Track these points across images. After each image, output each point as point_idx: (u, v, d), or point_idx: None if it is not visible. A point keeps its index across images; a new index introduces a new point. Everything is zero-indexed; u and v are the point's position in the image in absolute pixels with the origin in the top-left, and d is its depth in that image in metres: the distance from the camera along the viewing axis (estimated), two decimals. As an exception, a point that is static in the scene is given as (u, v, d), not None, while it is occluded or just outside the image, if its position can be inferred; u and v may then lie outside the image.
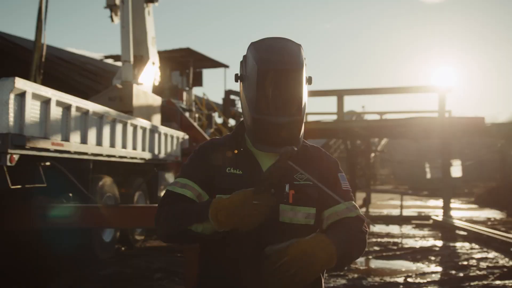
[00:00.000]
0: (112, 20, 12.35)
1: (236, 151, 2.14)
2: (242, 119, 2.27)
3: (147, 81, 12.20)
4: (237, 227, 1.85)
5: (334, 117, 18.44)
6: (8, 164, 5.38)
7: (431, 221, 14.99)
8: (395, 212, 17.41)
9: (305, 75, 2.05)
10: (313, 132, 20.06)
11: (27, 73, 8.88)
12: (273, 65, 2.00)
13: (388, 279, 7.52)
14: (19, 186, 5.71)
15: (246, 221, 1.83)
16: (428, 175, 35.37)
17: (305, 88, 2.06)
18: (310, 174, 2.07)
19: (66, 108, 6.53)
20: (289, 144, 1.98)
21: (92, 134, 7.25)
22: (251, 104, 2.04)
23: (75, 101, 6.72)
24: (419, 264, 8.68)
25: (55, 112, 6.23)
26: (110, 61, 22.55)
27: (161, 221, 2.04)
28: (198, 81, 19.45)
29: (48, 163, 6.49)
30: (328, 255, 1.83)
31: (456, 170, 31.58)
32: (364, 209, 17.47)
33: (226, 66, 19.45)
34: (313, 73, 2.15)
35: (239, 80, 2.15)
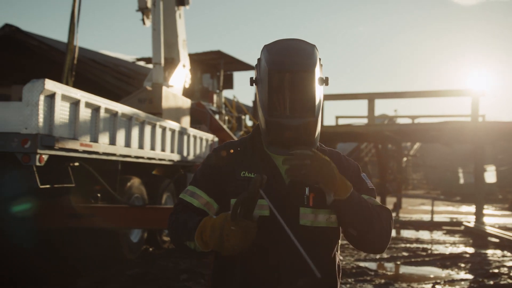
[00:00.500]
0: (144, 23, 12.48)
1: (251, 154, 2.14)
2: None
3: (178, 83, 12.30)
4: (217, 250, 1.84)
5: (366, 120, 18.31)
6: (38, 164, 5.48)
7: (462, 227, 14.72)
8: (426, 217, 17.17)
9: (318, 75, 2.03)
10: (344, 135, 19.96)
11: (61, 74, 9.05)
12: (283, 67, 1.99)
13: (415, 285, 7.42)
14: (48, 186, 5.81)
15: (225, 246, 1.80)
16: (461, 180, 34.73)
17: (319, 89, 2.04)
18: None
19: (95, 109, 6.62)
20: (303, 145, 1.98)
21: (120, 135, 7.34)
22: (264, 106, 2.04)
23: (104, 103, 6.81)
24: (448, 271, 8.53)
25: (84, 113, 6.32)
26: (142, 63, 22.82)
27: (169, 229, 2.11)
28: (228, 84, 19.52)
29: (76, 164, 6.59)
30: (345, 182, 1.92)
31: (490, 176, 30.95)
32: (394, 214, 17.26)
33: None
34: (344, 76, 2.17)
35: (254, 84, 2.15)
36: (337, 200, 1.91)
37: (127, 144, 7.55)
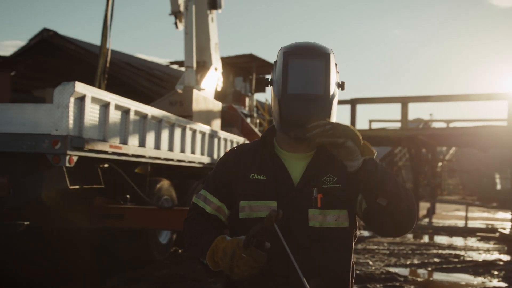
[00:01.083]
0: (177, 27, 12.60)
1: (261, 156, 2.15)
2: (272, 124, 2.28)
3: (210, 86, 12.38)
4: (227, 273, 1.86)
5: (400, 124, 18.10)
6: (67, 165, 5.57)
7: (497, 234, 14.40)
8: (460, 223, 16.86)
9: (334, 68, 2.04)
10: (377, 139, 19.75)
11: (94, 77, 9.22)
12: (299, 50, 2.03)
13: (445, 292, 7.30)
14: (77, 187, 5.90)
15: (235, 271, 1.82)
16: (498, 186, 34.07)
17: (333, 77, 2.03)
18: (337, 177, 2.06)
19: (125, 111, 6.70)
20: (316, 118, 1.93)
21: (150, 137, 7.41)
22: (277, 90, 2.04)
23: (134, 105, 6.89)
24: (481, 278, 8.35)
25: (114, 115, 6.41)
26: (175, 67, 23.06)
27: (184, 237, 2.17)
28: (261, 87, 19.56)
29: (106, 165, 6.68)
30: (369, 145, 1.88)
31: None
32: (427, 219, 17.01)
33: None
34: (378, 80, 2.15)
35: (269, 85, 2.15)
36: (366, 161, 1.86)
37: (157, 146, 7.62)
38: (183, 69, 19.10)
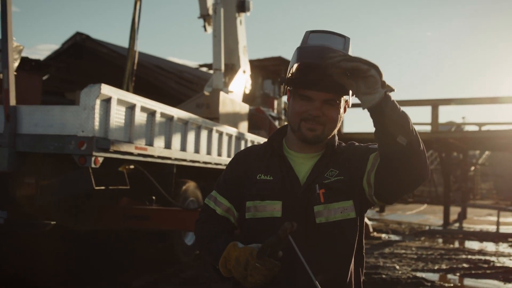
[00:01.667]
0: (205, 30, 12.68)
1: (269, 157, 2.17)
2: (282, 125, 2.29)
3: (238, 89, 12.42)
4: (240, 282, 1.88)
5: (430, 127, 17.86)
6: (93, 166, 5.65)
7: (531, 240, 14.10)
8: (492, 228, 16.54)
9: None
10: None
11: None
12: (313, 45, 2.04)
13: (473, 298, 7.17)
14: (102, 187, 5.97)
15: (248, 280, 1.85)
16: (533, 191, 33.30)
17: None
18: (339, 170, 2.07)
19: (151, 113, 6.75)
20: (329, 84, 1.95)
21: (176, 139, 7.46)
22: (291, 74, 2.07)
23: (160, 107, 6.95)
24: (511, 285, 8.19)
25: (140, 117, 6.47)
26: (205, 69, 23.21)
27: (195, 238, 2.22)
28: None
29: (132, 166, 6.76)
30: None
31: None
32: (457, 224, 16.74)
33: (318, 75, 19.32)
34: (409, 82, 2.15)
35: (283, 83, 2.15)
36: (387, 95, 1.78)
37: (183, 148, 7.67)
38: (212, 71, 19.27)
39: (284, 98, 18.50)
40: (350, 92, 2.07)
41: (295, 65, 2.04)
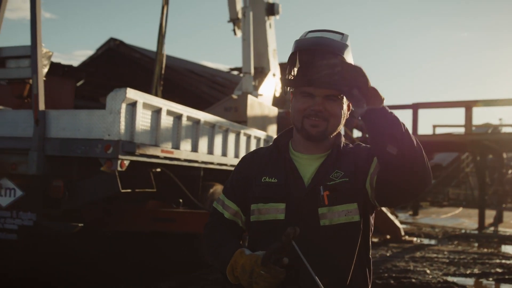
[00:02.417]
0: (235, 34, 12.75)
1: (275, 159, 2.16)
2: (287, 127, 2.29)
3: (267, 92, 12.43)
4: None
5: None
6: (119, 169, 5.72)
7: None
8: (529, 232, 16.14)
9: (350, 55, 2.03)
10: (441, 145, 19.25)
11: (161, 85, 9.49)
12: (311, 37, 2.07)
13: (505, 303, 7.00)
14: (129, 190, 6.05)
15: (254, 287, 1.84)
16: None
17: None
18: (344, 171, 2.05)
19: (177, 117, 6.81)
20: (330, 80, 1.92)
21: (203, 142, 7.51)
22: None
23: (186, 111, 7.00)
24: (546, 290, 7.98)
25: (166, 120, 6.53)
26: (236, 73, 23.34)
27: (203, 243, 2.21)
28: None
29: (158, 169, 6.82)
30: (378, 92, 1.80)
31: None
32: (493, 228, 16.39)
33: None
34: (444, 84, 2.14)
35: (285, 86, 2.16)
36: (370, 110, 1.78)
37: (210, 151, 7.71)
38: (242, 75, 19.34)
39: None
40: None
41: (296, 63, 2.05)
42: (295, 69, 2.09)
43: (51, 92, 10.95)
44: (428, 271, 8.93)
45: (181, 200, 7.24)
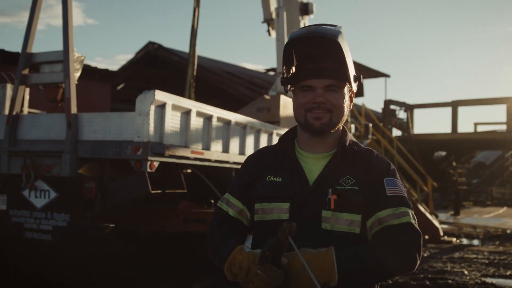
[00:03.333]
0: (269, 34, 12.75)
1: (280, 158, 2.14)
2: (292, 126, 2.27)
3: (302, 92, 12.39)
4: (243, 286, 1.85)
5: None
6: (149, 170, 5.80)
7: None
8: None
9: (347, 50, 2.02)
10: (483, 143, 18.82)
11: (201, 87, 9.62)
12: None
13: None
14: (159, 191, 6.11)
15: (249, 286, 1.81)
16: None
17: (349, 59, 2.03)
18: (355, 179, 2.00)
19: (207, 118, 6.85)
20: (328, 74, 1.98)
21: (234, 143, 7.53)
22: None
23: (216, 112, 7.03)
24: None
25: (196, 122, 6.58)
26: (272, 73, 23.39)
27: (207, 240, 2.17)
28: (358, 92, 19.19)
29: (189, 170, 6.88)
30: (324, 272, 1.78)
31: None
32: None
33: (386, 76, 19.06)
34: (486, 81, 2.16)
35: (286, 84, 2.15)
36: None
37: (241, 152, 7.73)
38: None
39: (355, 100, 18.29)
40: (352, 80, 2.05)
41: (292, 61, 2.05)
42: (293, 68, 2.08)
43: (88, 95, 11.25)
44: (466, 272, 8.75)
45: (212, 201, 7.28)
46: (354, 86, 2.12)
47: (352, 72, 2.06)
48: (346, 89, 2.07)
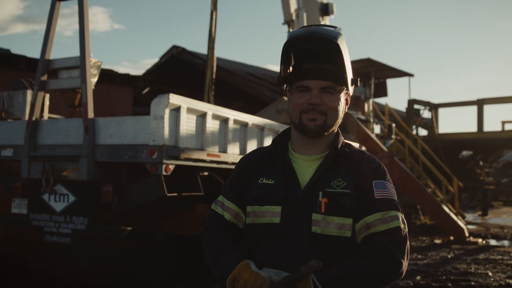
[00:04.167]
0: (290, 36, 12.74)
1: (273, 161, 2.14)
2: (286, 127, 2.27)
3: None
4: None
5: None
6: (164, 173, 5.84)
7: None
8: None
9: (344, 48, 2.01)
10: (511, 142, 18.48)
11: (225, 90, 9.66)
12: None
13: None
14: (175, 194, 6.14)
15: None
16: None
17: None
18: (347, 182, 1.99)
19: (224, 121, 6.87)
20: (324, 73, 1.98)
21: (252, 145, 7.52)
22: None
23: (233, 114, 7.04)
24: None
25: (212, 125, 6.60)
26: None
27: (202, 246, 2.17)
28: (382, 91, 19.10)
29: (206, 173, 6.91)
30: None
31: None
32: None
33: (410, 75, 18.84)
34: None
35: (283, 84, 2.14)
36: None
37: (259, 154, 7.71)
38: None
39: (380, 100, 18.12)
40: (349, 83, 2.04)
41: (289, 60, 2.05)
42: (291, 67, 2.07)
43: (110, 100, 11.39)
44: (490, 274, 8.60)
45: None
46: (351, 89, 2.11)
47: (349, 75, 2.05)
48: (343, 92, 2.06)
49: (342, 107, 2.08)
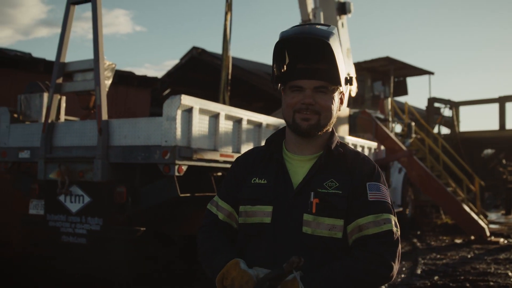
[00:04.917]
0: (307, 35, 12.71)
1: (266, 161, 2.15)
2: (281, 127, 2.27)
3: (342, 92, 12.29)
4: None
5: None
6: (177, 174, 5.87)
7: None
8: None
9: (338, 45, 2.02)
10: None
11: (246, 90, 9.65)
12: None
13: None
14: (188, 195, 6.18)
15: None
16: None
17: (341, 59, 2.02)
18: (340, 183, 1.99)
19: (237, 121, 6.88)
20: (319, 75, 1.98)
21: (266, 145, 7.52)
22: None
23: (246, 115, 7.05)
24: None
25: (225, 125, 6.62)
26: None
27: (198, 246, 2.19)
28: (402, 90, 18.97)
29: (219, 174, 6.93)
30: None
31: None
32: None
33: (430, 73, 18.68)
34: None
35: (276, 83, 2.14)
36: None
37: (274, 153, 7.71)
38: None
39: (401, 99, 17.98)
40: (343, 82, 2.04)
41: (283, 58, 2.05)
42: (284, 66, 2.08)
43: (128, 101, 11.49)
44: (510, 274, 8.47)
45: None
46: (345, 88, 2.11)
47: (343, 74, 2.05)
48: (337, 92, 2.06)
49: (336, 107, 2.08)
